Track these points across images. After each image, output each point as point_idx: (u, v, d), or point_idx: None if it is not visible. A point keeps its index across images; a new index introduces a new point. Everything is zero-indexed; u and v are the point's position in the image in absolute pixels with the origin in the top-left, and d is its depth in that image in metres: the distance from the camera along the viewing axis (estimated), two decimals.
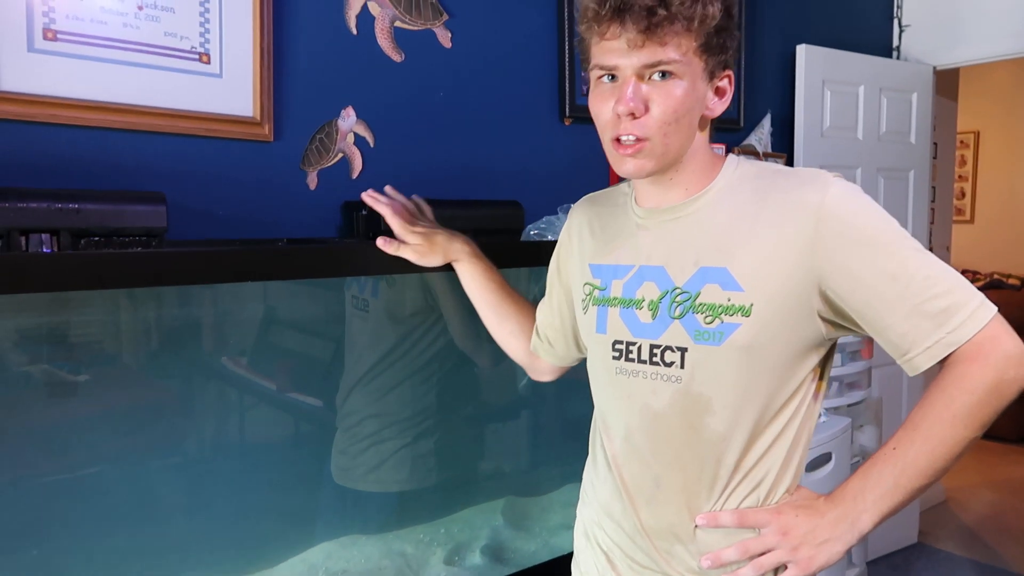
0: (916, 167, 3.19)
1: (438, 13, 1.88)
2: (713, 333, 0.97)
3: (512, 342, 1.34)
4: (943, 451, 0.91)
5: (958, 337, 0.90)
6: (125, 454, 1.32)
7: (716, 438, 1.00)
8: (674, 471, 1.03)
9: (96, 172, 1.44)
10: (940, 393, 0.92)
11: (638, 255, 1.06)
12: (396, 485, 1.58)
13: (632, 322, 1.05)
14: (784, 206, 0.97)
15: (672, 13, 0.91)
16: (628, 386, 1.06)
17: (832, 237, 0.93)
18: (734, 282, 0.97)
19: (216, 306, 1.40)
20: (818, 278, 0.95)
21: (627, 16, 0.92)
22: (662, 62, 0.94)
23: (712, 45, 0.96)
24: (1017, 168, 5.41)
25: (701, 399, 1.00)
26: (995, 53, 3.09)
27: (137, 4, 1.47)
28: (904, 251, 0.93)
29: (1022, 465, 4.30)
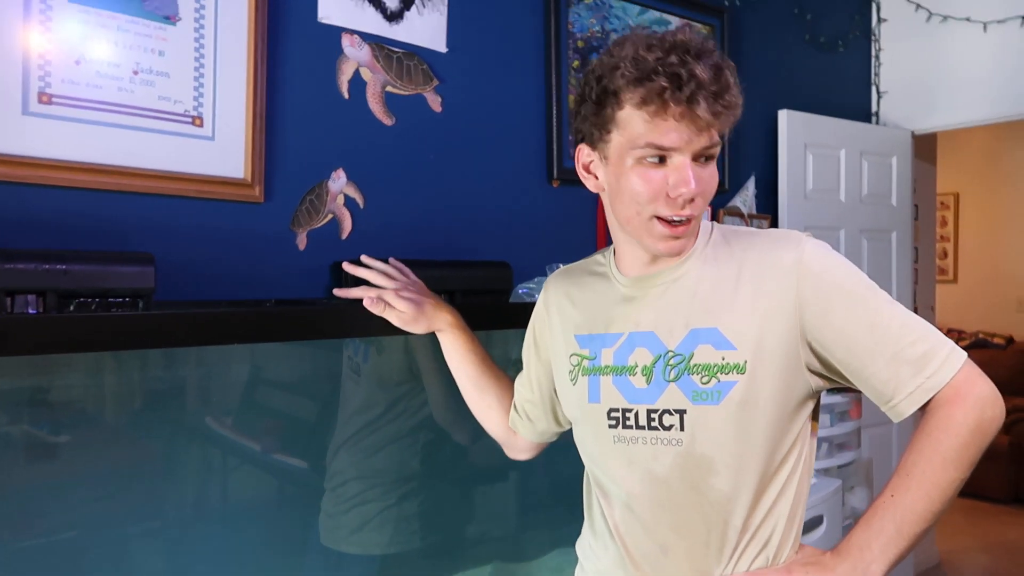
0: (898, 228, 3.24)
1: (429, 79, 1.93)
2: (711, 392, 0.99)
3: (491, 416, 1.33)
4: (937, 494, 0.93)
5: (937, 381, 0.94)
6: (110, 518, 1.29)
7: (722, 499, 1.00)
8: (680, 537, 1.02)
9: (86, 233, 1.45)
10: (927, 438, 0.94)
11: (626, 322, 1.07)
12: (379, 548, 1.55)
13: (626, 388, 1.05)
14: (763, 266, 1.00)
15: (731, 100, 0.93)
16: (628, 453, 1.05)
17: (812, 292, 0.97)
18: (726, 341, 0.99)
19: (204, 367, 1.39)
20: (803, 331, 0.98)
21: (700, 100, 0.90)
22: (714, 145, 0.97)
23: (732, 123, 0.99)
24: (997, 228, 5.51)
25: (704, 460, 1.00)
26: (970, 119, 3.18)
27: (132, 69, 1.49)
28: (877, 302, 0.98)
29: (1015, 527, 4.26)
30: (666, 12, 2.51)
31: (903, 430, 3.26)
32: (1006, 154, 5.46)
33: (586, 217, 2.27)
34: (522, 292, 1.79)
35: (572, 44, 2.24)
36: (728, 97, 0.93)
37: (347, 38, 1.79)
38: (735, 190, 2.77)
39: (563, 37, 2.21)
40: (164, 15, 1.53)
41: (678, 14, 2.55)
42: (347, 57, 1.79)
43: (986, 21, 3.05)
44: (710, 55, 0.93)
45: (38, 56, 1.40)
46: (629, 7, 2.40)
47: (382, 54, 1.84)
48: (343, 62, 1.79)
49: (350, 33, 1.80)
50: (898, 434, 3.25)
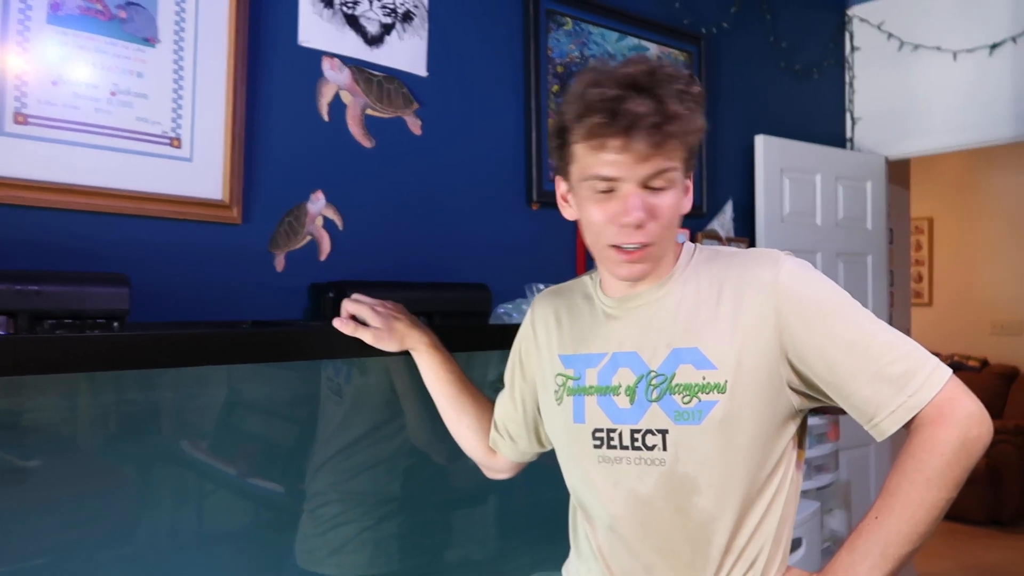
0: (873, 252, 3.29)
1: (409, 102, 1.94)
2: (692, 412, 0.99)
3: (469, 436, 1.32)
4: (922, 515, 0.92)
5: (919, 400, 0.93)
6: (84, 544, 1.26)
7: (705, 518, 1.00)
8: (665, 557, 1.02)
9: (60, 254, 1.44)
10: (910, 458, 0.94)
11: (609, 343, 1.08)
12: (357, 570, 1.53)
13: (610, 409, 1.05)
14: (742, 285, 1.01)
15: (674, 130, 0.94)
16: (613, 474, 1.05)
17: (791, 311, 0.97)
18: (707, 360, 0.99)
19: (180, 389, 1.37)
20: (784, 350, 0.98)
21: (635, 131, 0.92)
22: (664, 171, 0.97)
23: (693, 152, 1.01)
24: (971, 252, 5.60)
25: (687, 479, 1.00)
26: (941, 145, 3.25)
27: (110, 90, 1.49)
28: (859, 320, 0.98)
29: (993, 549, 4.28)
30: (644, 39, 2.55)
31: (881, 452, 3.28)
32: (978, 179, 5.57)
33: (565, 240, 2.28)
34: (501, 312, 1.79)
35: (551, 69, 2.27)
36: (672, 126, 0.93)
37: (327, 61, 1.80)
38: (713, 214, 2.80)
39: (543, 62, 2.24)
40: (143, 37, 1.53)
41: (656, 41, 2.59)
42: (327, 80, 1.80)
43: (956, 50, 3.12)
44: (661, 84, 0.94)
45: (14, 76, 1.39)
46: (608, 33, 2.44)
47: (362, 77, 1.85)
48: (323, 85, 1.80)
49: (330, 56, 1.81)
50: (876, 456, 3.27)
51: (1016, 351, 5.29)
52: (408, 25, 1.95)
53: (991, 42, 3.03)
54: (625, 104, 0.92)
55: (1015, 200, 5.35)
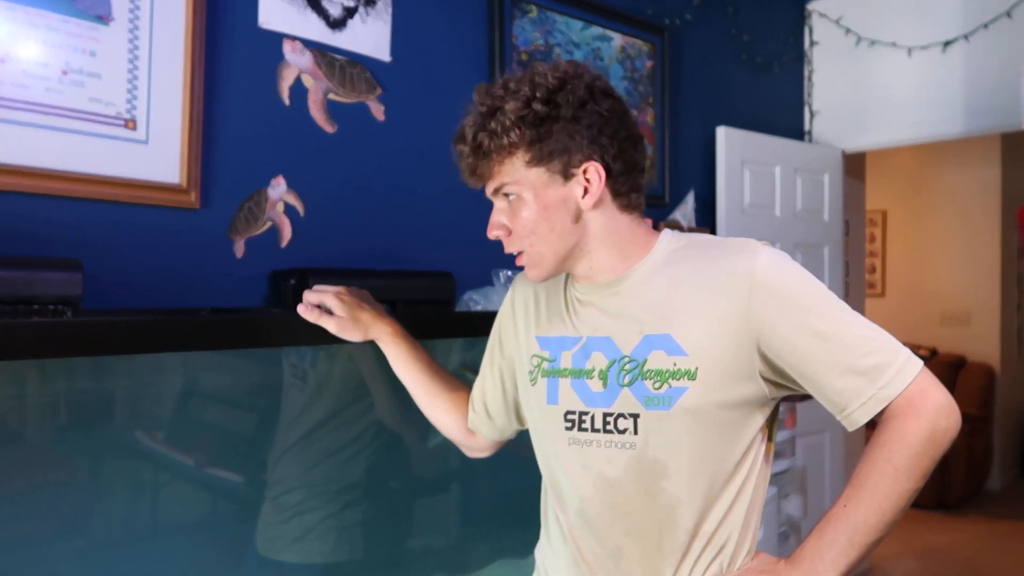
0: (830, 243, 3.36)
1: (372, 87, 1.91)
2: (663, 398, 1.00)
3: (445, 419, 1.32)
4: (889, 505, 0.95)
5: (890, 392, 0.96)
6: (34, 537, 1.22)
7: (674, 502, 1.01)
8: (633, 540, 1.03)
9: (10, 237, 1.39)
10: (880, 449, 0.96)
11: (584, 327, 1.09)
12: (320, 557, 1.52)
13: (584, 392, 1.06)
14: (717, 274, 1.02)
15: (485, 150, 1.03)
16: (582, 456, 1.06)
17: (765, 302, 0.98)
18: (678, 347, 1.00)
19: (135, 377, 1.34)
20: (756, 340, 0.99)
21: (461, 165, 1.08)
22: (499, 188, 1.05)
23: (542, 154, 1.02)
24: (921, 244, 5.74)
25: (656, 464, 1.01)
26: (896, 140, 3.32)
27: (61, 69, 1.44)
28: (833, 312, 0.99)
29: (941, 532, 4.42)
30: (608, 28, 2.56)
31: (836, 439, 3.36)
32: (930, 173, 5.71)
33: None
34: (468, 300, 1.79)
35: (516, 57, 2.26)
36: (476, 155, 1.04)
37: (288, 44, 1.77)
38: (675, 204, 2.82)
39: (507, 50, 2.23)
40: (96, 15, 1.48)
41: (620, 31, 2.60)
42: (288, 63, 1.77)
43: (911, 46, 3.19)
44: (474, 120, 1.05)
45: None
46: (572, 22, 2.44)
47: (324, 61, 1.82)
48: (284, 68, 1.76)
49: (292, 39, 1.77)
50: (831, 443, 3.35)
51: (963, 340, 5.46)
52: (371, 9, 1.92)
53: (944, 39, 3.10)
54: (454, 148, 1.09)
55: (965, 194, 5.50)
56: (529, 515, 1.22)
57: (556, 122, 1.01)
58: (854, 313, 1.01)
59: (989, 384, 5.20)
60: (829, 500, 3.28)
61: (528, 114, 1.00)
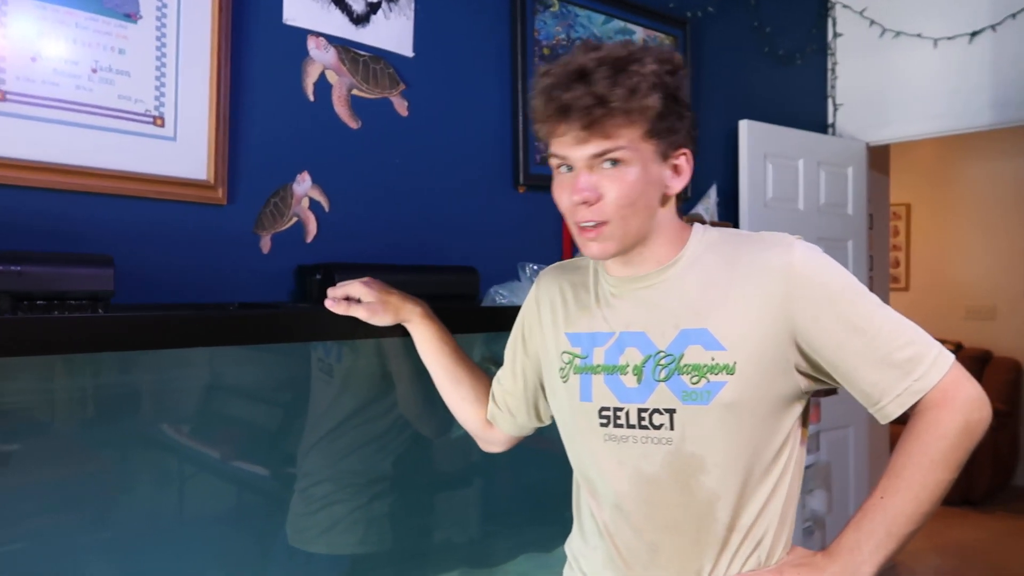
0: (854, 237, 3.32)
1: (395, 82, 1.92)
2: (701, 393, 1.00)
3: (465, 408, 1.31)
4: (926, 495, 0.96)
5: (924, 385, 0.97)
6: (69, 528, 1.25)
7: (711, 496, 1.01)
8: (670, 535, 1.03)
9: (42, 234, 1.41)
10: (915, 440, 0.97)
11: (617, 322, 1.08)
12: (348, 548, 1.53)
13: (618, 388, 1.06)
14: (753, 268, 1.02)
15: (610, 109, 0.96)
16: (618, 452, 1.06)
17: (802, 296, 0.99)
18: (716, 342, 1.00)
19: (165, 372, 1.35)
20: (792, 333, 0.99)
21: (570, 115, 0.97)
22: (608, 151, 0.98)
23: (659, 130, 1.00)
24: (945, 238, 5.67)
25: (693, 459, 1.01)
26: (921, 132, 3.28)
27: (91, 67, 1.46)
28: (867, 306, 1.00)
29: (964, 528, 4.38)
30: (630, 22, 2.54)
31: (860, 434, 3.33)
32: (955, 166, 5.64)
33: (551, 222, 2.28)
34: (494, 294, 1.79)
35: (538, 51, 2.26)
36: (602, 109, 0.95)
37: (313, 40, 1.78)
38: (697, 198, 2.81)
39: (529, 44, 2.22)
40: (124, 13, 1.50)
41: (642, 24, 2.58)
42: (312, 59, 1.78)
43: (936, 37, 3.15)
44: (597, 70, 0.95)
45: None
46: (594, 16, 2.43)
47: (348, 57, 1.83)
48: (308, 64, 1.77)
49: (316, 35, 1.78)
50: (855, 438, 3.32)
51: (989, 335, 5.38)
52: (394, 5, 1.92)
53: (971, 30, 3.05)
54: (560, 92, 0.97)
55: (990, 187, 5.42)
56: (554, 509, 1.23)
57: (676, 101, 1.00)
58: (888, 307, 1.01)
59: (1015, 379, 5.13)
60: (853, 495, 3.26)
61: (667, 82, 0.98)
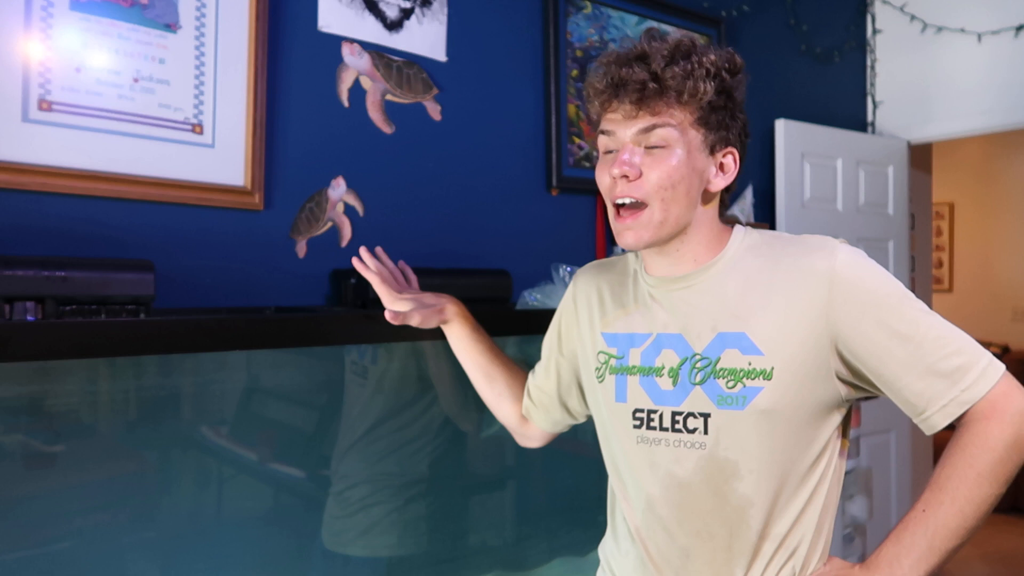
0: (895, 237, 3.25)
1: (428, 87, 1.93)
2: (736, 397, 0.98)
3: (502, 404, 1.32)
4: (971, 510, 0.92)
5: (972, 395, 0.93)
6: (113, 527, 1.28)
7: (744, 503, 0.99)
8: (702, 541, 1.02)
9: (85, 240, 1.44)
10: (961, 452, 0.93)
11: (654, 323, 1.07)
12: (385, 551, 1.54)
13: (653, 390, 1.05)
14: (795, 272, 0.99)
15: (664, 86, 0.97)
16: (650, 455, 1.05)
17: (844, 301, 0.96)
18: (753, 346, 0.98)
19: (205, 374, 1.38)
20: (834, 340, 0.97)
21: (622, 90, 0.98)
22: (655, 127, 0.99)
23: (709, 121, 1.00)
24: (991, 238, 5.53)
25: (727, 464, 1.00)
26: (964, 129, 3.19)
27: (133, 77, 1.49)
28: (913, 312, 0.96)
29: (1012, 535, 4.26)
30: (663, 22, 2.52)
31: (902, 439, 3.26)
32: (1000, 164, 5.49)
33: (584, 225, 2.27)
34: (528, 297, 1.79)
35: (571, 53, 2.25)
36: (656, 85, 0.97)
37: (347, 47, 1.80)
38: (733, 199, 2.77)
39: (562, 46, 2.22)
40: (165, 23, 1.53)
41: (675, 24, 2.56)
42: (347, 65, 1.80)
43: (980, 32, 3.07)
44: (656, 52, 0.98)
45: (38, 63, 1.40)
46: (628, 17, 2.42)
47: (382, 63, 1.85)
48: (343, 70, 1.79)
49: (350, 42, 1.80)
50: (897, 443, 3.25)
51: None
52: (427, 10, 1.94)
53: (1017, 23, 2.97)
54: (617, 69, 0.99)
55: None
56: (588, 514, 1.22)
57: (731, 99, 1.02)
58: (935, 314, 0.97)
59: None
60: (895, 501, 3.19)
61: (723, 76, 1.00)
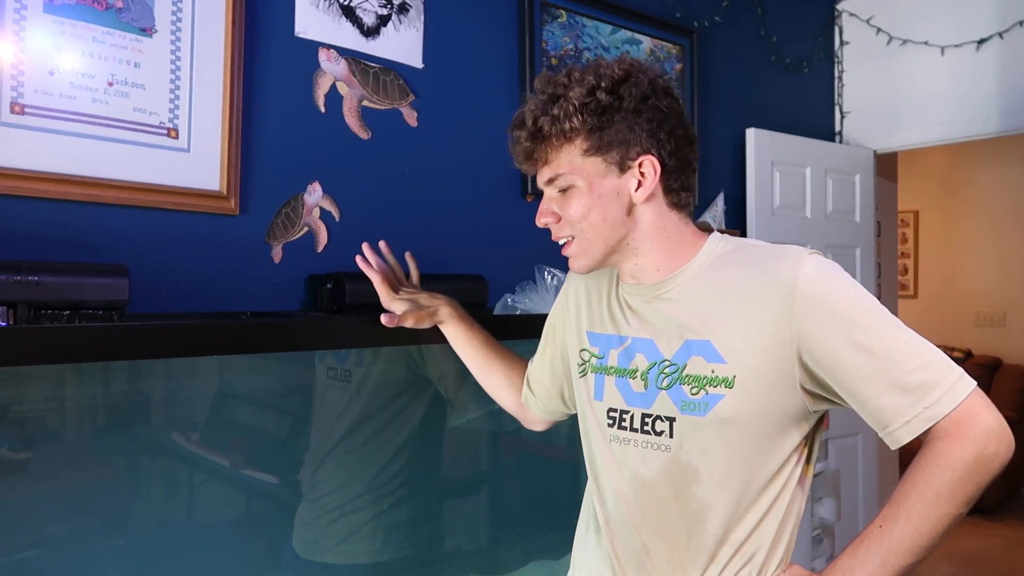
0: (862, 245, 3.32)
1: (405, 93, 1.94)
2: (698, 404, 1.00)
3: (502, 394, 1.38)
4: (927, 528, 0.91)
5: (936, 412, 0.92)
6: (83, 535, 1.26)
7: (703, 507, 1.01)
8: (661, 540, 1.04)
9: (59, 245, 1.43)
10: (921, 470, 0.92)
11: (629, 327, 1.10)
12: (360, 557, 1.55)
13: (626, 391, 1.08)
14: (761, 282, 1.00)
15: (544, 135, 1.04)
16: (620, 453, 1.08)
17: (808, 313, 0.96)
18: (717, 354, 1.00)
19: (178, 380, 1.37)
20: (797, 351, 0.97)
21: (520, 154, 1.09)
22: (554, 177, 1.06)
23: (601, 144, 1.03)
24: (955, 245, 5.66)
25: (688, 468, 1.02)
26: (928, 139, 3.28)
27: (107, 80, 1.48)
28: (880, 326, 0.95)
29: (974, 536, 4.35)
30: (637, 32, 2.56)
31: (869, 442, 3.33)
32: (964, 173, 5.63)
33: None
34: (511, 302, 1.80)
35: (546, 62, 2.28)
36: (533, 140, 1.05)
37: (324, 52, 1.80)
38: (705, 206, 2.81)
39: (537, 54, 2.24)
40: (140, 27, 1.52)
41: (649, 34, 2.60)
42: (324, 71, 1.80)
43: (943, 45, 3.15)
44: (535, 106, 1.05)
45: (11, 66, 1.38)
46: (602, 26, 2.45)
47: (359, 69, 1.85)
48: (320, 76, 1.79)
49: (327, 48, 1.80)
50: (864, 445, 3.31)
51: (999, 342, 5.37)
52: (404, 17, 1.95)
53: (978, 37, 3.06)
54: (512, 137, 1.10)
55: (998, 194, 5.41)
56: (563, 517, 1.24)
57: (618, 112, 1.02)
58: (904, 328, 0.96)
59: None
60: (863, 504, 3.25)
61: (591, 102, 1.01)
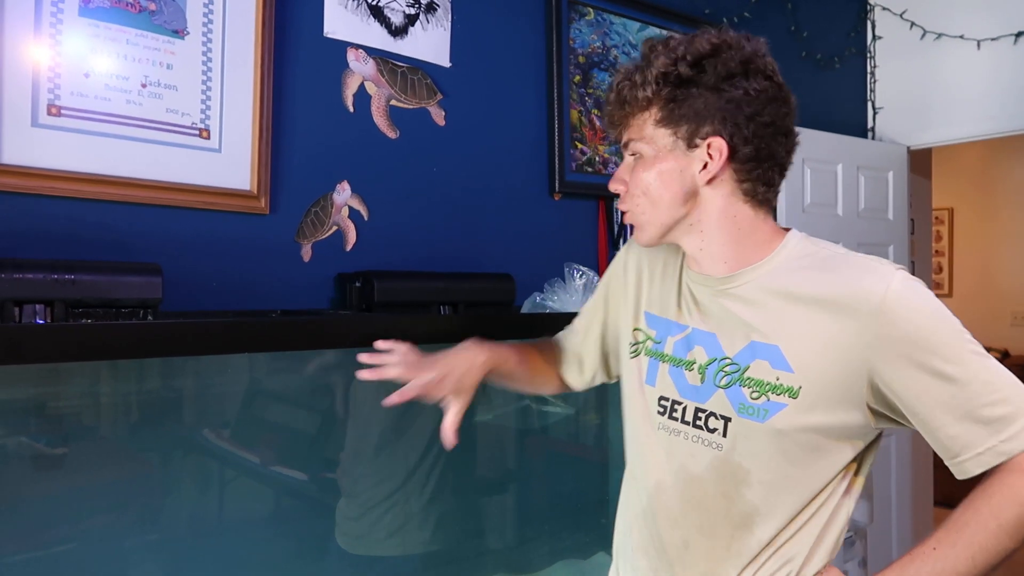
0: (895, 242, 3.26)
1: (432, 93, 1.94)
2: (758, 409, 0.97)
3: (545, 387, 1.34)
4: (983, 559, 0.89)
5: (1012, 447, 0.89)
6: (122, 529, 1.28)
7: (751, 511, 0.99)
8: (704, 537, 1.02)
9: (93, 244, 1.45)
10: (987, 501, 0.90)
11: (691, 317, 1.06)
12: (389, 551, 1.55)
13: (680, 382, 1.05)
14: (843, 294, 0.94)
15: (624, 100, 1.02)
16: (668, 444, 1.05)
17: (890, 333, 0.91)
18: (784, 362, 0.95)
19: (212, 377, 1.39)
20: (871, 370, 0.92)
21: (604, 110, 1.08)
22: (627, 143, 1.05)
23: (672, 117, 0.99)
24: (990, 243, 5.55)
25: (740, 470, 0.99)
26: (964, 135, 3.21)
27: (141, 82, 1.51)
28: (963, 354, 0.91)
29: None
30: (665, 28, 2.54)
31: (902, 444, 3.27)
32: (999, 169, 5.51)
33: (587, 230, 2.28)
34: (540, 301, 1.80)
35: (573, 59, 2.27)
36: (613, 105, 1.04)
37: (352, 52, 1.81)
38: None
39: (564, 52, 2.23)
40: (173, 29, 1.54)
41: (677, 31, 2.58)
42: (352, 71, 1.81)
43: (979, 39, 3.09)
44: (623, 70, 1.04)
45: (47, 69, 1.41)
46: (629, 23, 2.43)
47: (387, 68, 1.86)
48: (348, 76, 1.81)
49: (355, 48, 1.81)
50: (897, 447, 3.26)
51: None
52: (432, 16, 1.95)
53: (1016, 30, 2.99)
54: (606, 95, 1.08)
55: None
56: (591, 517, 1.23)
57: (696, 87, 0.97)
58: (986, 355, 0.92)
59: None
60: (895, 506, 3.19)
61: (672, 73, 0.97)
